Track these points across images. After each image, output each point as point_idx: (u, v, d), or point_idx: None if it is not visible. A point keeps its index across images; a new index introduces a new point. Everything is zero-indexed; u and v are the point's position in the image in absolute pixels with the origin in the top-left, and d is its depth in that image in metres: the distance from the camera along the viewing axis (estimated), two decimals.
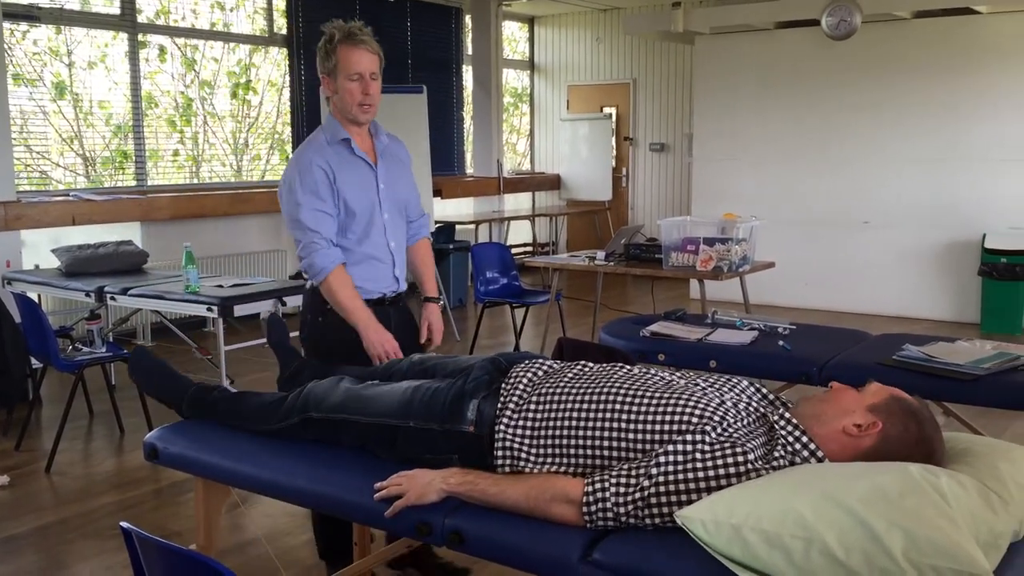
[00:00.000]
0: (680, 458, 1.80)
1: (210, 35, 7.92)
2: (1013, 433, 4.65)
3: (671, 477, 1.78)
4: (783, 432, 1.87)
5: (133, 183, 7.41)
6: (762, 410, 1.99)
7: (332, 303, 2.83)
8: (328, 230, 2.82)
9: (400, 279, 3.02)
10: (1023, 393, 3.10)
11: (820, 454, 1.83)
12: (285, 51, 8.44)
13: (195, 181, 7.95)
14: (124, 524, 1.73)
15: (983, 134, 7.50)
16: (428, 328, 3.07)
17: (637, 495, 1.78)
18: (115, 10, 7.14)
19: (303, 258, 2.84)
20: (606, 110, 11.11)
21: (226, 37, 8.05)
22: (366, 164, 2.91)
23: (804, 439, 1.85)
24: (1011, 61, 7.33)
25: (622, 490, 1.80)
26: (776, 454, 1.82)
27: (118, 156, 7.42)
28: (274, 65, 8.50)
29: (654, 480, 1.78)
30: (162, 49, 7.58)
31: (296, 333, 3.01)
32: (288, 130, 8.57)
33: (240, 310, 4.81)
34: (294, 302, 5.06)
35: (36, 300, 5.03)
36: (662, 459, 1.81)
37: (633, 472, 1.81)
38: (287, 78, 8.47)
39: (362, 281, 2.90)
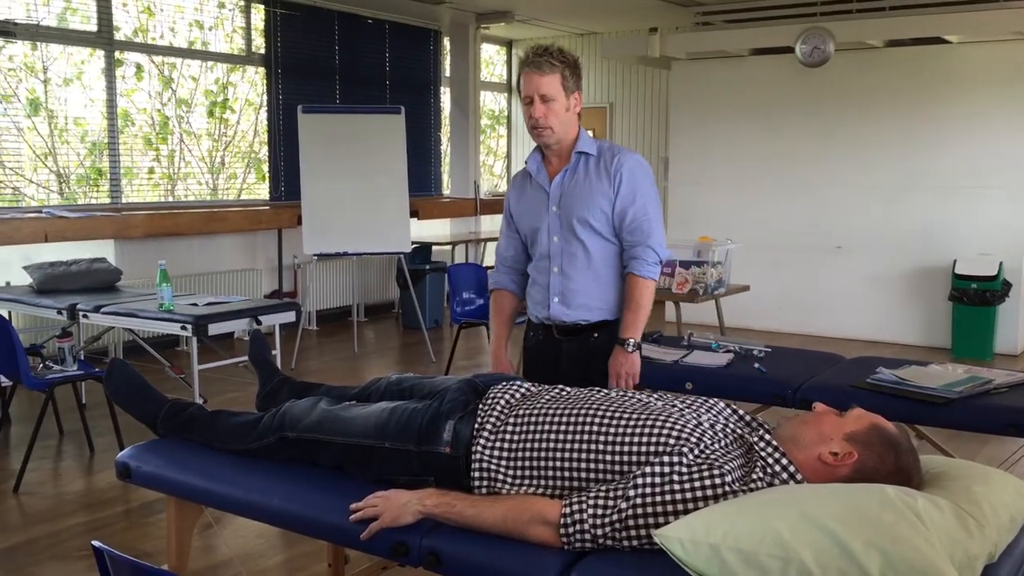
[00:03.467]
0: (657, 480, 1.80)
1: (188, 53, 7.90)
2: (985, 456, 4.69)
3: (648, 499, 1.78)
4: (763, 454, 1.87)
5: (107, 201, 7.36)
6: (739, 431, 2.00)
7: None
8: (505, 252, 3.04)
9: (570, 309, 2.85)
10: (995, 416, 3.13)
11: (799, 477, 1.83)
12: (263, 70, 8.43)
13: (170, 199, 7.90)
14: (96, 543, 1.70)
15: (954, 161, 7.61)
16: (614, 374, 2.85)
17: (615, 516, 1.78)
18: (92, 27, 7.11)
19: None
20: None
21: (204, 56, 8.03)
22: (540, 188, 2.89)
23: (784, 461, 1.85)
24: (981, 90, 7.45)
25: (599, 511, 1.80)
26: (755, 475, 1.82)
27: (93, 173, 7.36)
28: (251, 84, 8.49)
29: (631, 502, 1.78)
30: (139, 67, 7.55)
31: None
32: (265, 149, 8.55)
33: (214, 329, 4.77)
34: (269, 321, 5.04)
35: (7, 317, 4.97)
36: (639, 480, 1.81)
37: (611, 494, 1.81)
38: (264, 97, 8.46)
39: (530, 303, 2.97)
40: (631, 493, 1.79)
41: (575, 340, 2.89)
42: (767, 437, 1.91)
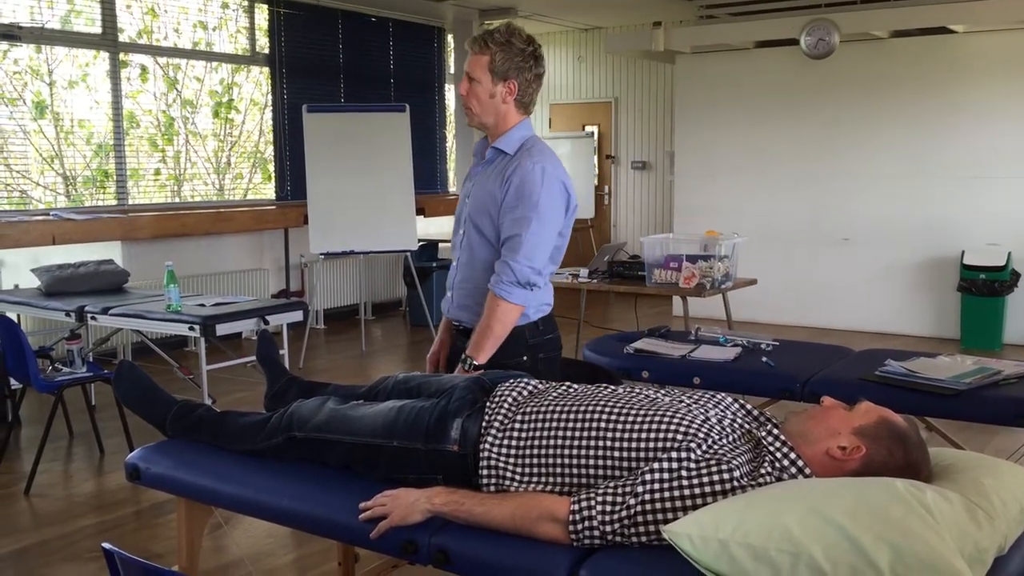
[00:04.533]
0: (666, 476, 1.80)
1: (192, 54, 7.91)
2: (994, 447, 4.68)
3: (656, 495, 1.78)
4: (772, 448, 1.87)
5: (114, 202, 7.38)
6: (747, 426, 1.99)
7: None
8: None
9: (454, 306, 2.74)
10: (1004, 408, 3.12)
11: (808, 471, 1.83)
12: (267, 70, 8.44)
13: (177, 200, 7.92)
14: (106, 545, 1.71)
15: (961, 152, 7.58)
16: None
17: (623, 513, 1.78)
18: (96, 29, 7.12)
19: None
20: (588, 128, 11.16)
21: (208, 56, 8.04)
22: (471, 174, 2.80)
23: (792, 456, 1.85)
24: (987, 80, 7.42)
25: (608, 508, 1.79)
26: (763, 471, 1.82)
27: (99, 175, 7.38)
28: (256, 84, 8.50)
29: (640, 498, 1.78)
30: (144, 68, 7.56)
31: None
32: (270, 149, 8.56)
33: (222, 329, 4.78)
34: (276, 321, 5.05)
35: (16, 320, 4.99)
36: (648, 476, 1.81)
37: (619, 490, 1.81)
38: (269, 97, 8.47)
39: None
40: (639, 489, 1.79)
41: (465, 342, 2.69)
42: (775, 432, 1.91)
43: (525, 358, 2.67)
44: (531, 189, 2.56)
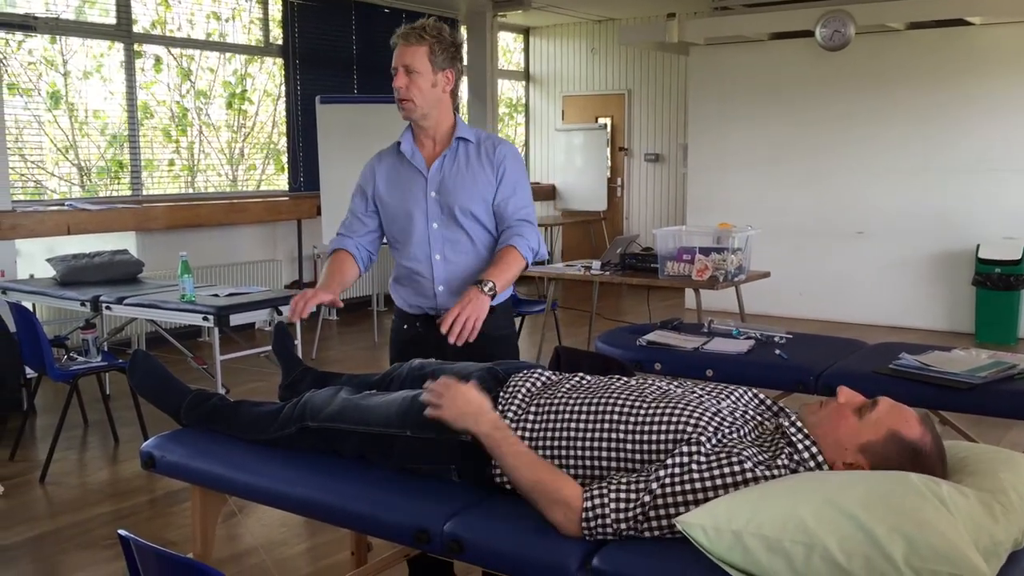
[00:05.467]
0: (677, 470, 1.80)
1: (206, 45, 7.93)
2: (1009, 441, 4.66)
3: (668, 488, 1.78)
4: (795, 439, 1.84)
5: (128, 193, 7.41)
6: (759, 418, 1.99)
7: None
8: (356, 228, 2.87)
9: (455, 295, 2.68)
10: (1019, 401, 3.11)
11: (826, 467, 1.81)
12: (281, 61, 8.45)
13: (190, 191, 7.94)
14: (122, 532, 1.72)
15: (976, 144, 7.54)
16: (453, 312, 2.50)
17: (638, 511, 1.77)
18: (111, 20, 7.14)
19: None
20: (601, 120, 11.13)
21: (222, 47, 8.05)
22: (416, 171, 2.76)
23: (813, 449, 1.82)
24: (1004, 72, 7.37)
25: (622, 505, 1.79)
26: (779, 462, 1.80)
27: (113, 166, 7.41)
28: (269, 75, 8.51)
29: (652, 493, 1.78)
30: (158, 59, 7.58)
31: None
32: (283, 140, 8.58)
33: (236, 319, 4.80)
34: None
35: (31, 309, 5.02)
36: (660, 472, 1.81)
37: (633, 487, 1.80)
38: (283, 88, 8.48)
39: (407, 294, 2.81)
40: (653, 485, 1.79)
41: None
42: (797, 423, 1.88)
43: (510, 330, 2.88)
44: (520, 172, 2.83)
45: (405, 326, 2.87)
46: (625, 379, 2.15)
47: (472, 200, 2.73)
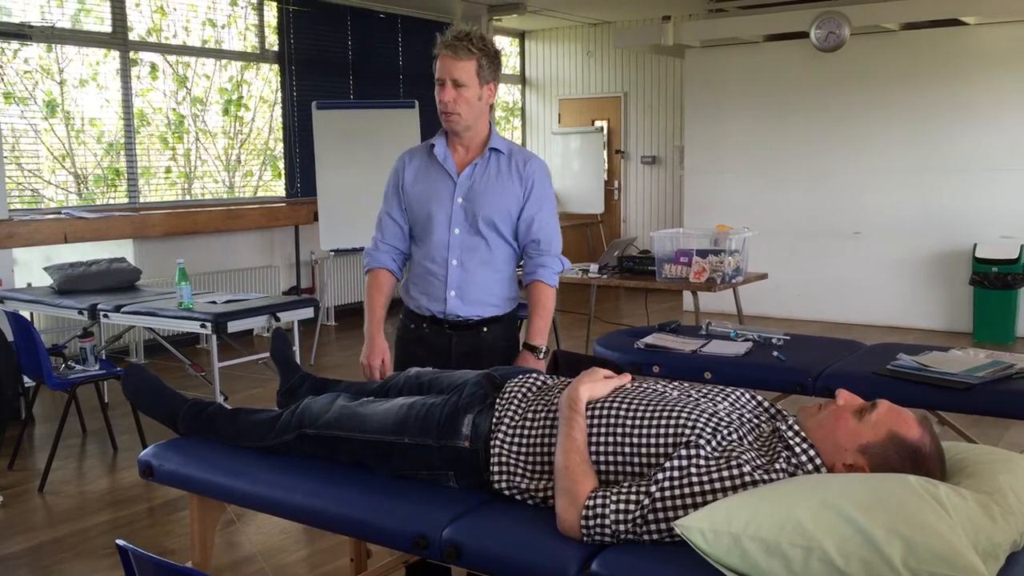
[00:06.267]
0: (676, 473, 1.80)
1: (201, 52, 7.93)
2: (1007, 441, 4.66)
3: (667, 492, 1.78)
4: (792, 442, 1.85)
5: (125, 200, 7.40)
6: (757, 420, 1.99)
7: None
8: (389, 229, 2.90)
9: (465, 304, 2.77)
10: (1017, 401, 3.10)
11: (824, 470, 1.81)
12: (277, 67, 8.45)
13: (187, 198, 7.94)
14: (120, 542, 1.72)
15: (973, 144, 7.55)
16: None
17: (637, 515, 1.77)
18: (106, 28, 7.15)
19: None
20: (597, 123, 11.14)
21: (218, 54, 8.06)
22: (446, 174, 2.78)
23: (811, 452, 1.83)
24: (999, 72, 7.38)
25: (622, 507, 1.79)
26: (778, 465, 1.80)
27: (110, 174, 7.41)
28: (265, 82, 8.51)
29: (652, 497, 1.78)
30: (153, 67, 7.59)
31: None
32: (280, 146, 8.57)
33: (234, 326, 4.80)
34: (287, 317, 5.06)
35: (28, 318, 5.02)
36: (660, 476, 1.81)
37: (633, 492, 1.80)
38: (279, 94, 8.48)
39: (417, 294, 2.85)
40: (652, 489, 1.79)
41: (466, 335, 2.80)
42: (796, 427, 1.88)
43: (514, 340, 2.91)
44: (548, 188, 2.82)
45: (412, 326, 2.90)
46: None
47: (496, 211, 2.75)
